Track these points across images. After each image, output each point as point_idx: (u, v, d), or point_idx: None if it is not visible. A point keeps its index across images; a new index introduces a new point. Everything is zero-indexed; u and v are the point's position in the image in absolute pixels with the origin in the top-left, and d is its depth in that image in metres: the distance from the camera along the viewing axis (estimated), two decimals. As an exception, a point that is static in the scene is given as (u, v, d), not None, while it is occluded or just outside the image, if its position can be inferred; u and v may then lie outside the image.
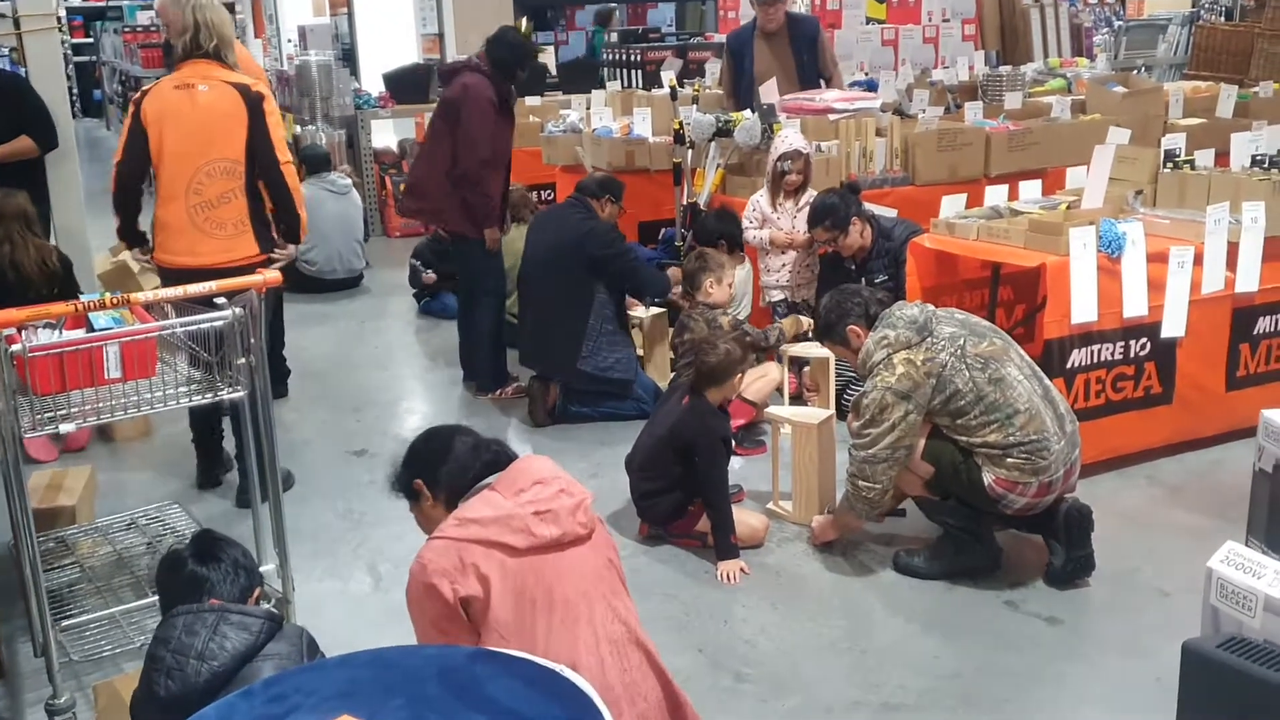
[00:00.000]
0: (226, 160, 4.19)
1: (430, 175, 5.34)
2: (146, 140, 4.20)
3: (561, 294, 5.05)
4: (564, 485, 2.57)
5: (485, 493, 2.56)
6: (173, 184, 4.19)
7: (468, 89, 5.17)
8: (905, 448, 3.58)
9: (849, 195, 5.10)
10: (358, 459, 4.92)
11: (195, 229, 4.20)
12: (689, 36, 10.96)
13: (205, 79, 4.21)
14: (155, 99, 4.22)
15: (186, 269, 4.06)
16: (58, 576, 3.48)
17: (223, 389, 3.16)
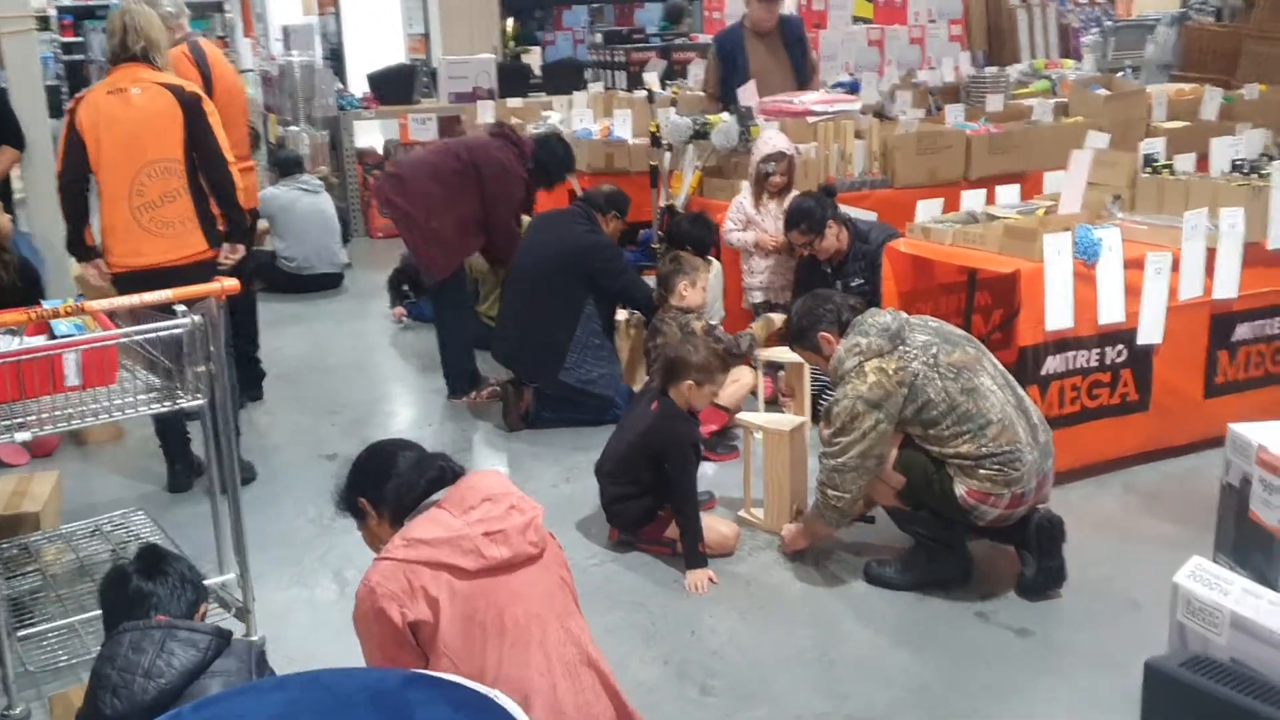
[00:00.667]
0: (165, 160, 4.19)
1: (448, 225, 5.25)
2: (84, 148, 4.16)
3: (551, 301, 5.00)
4: (514, 502, 2.53)
5: (433, 510, 2.52)
6: (114, 188, 4.18)
7: (506, 172, 5.23)
8: (876, 457, 3.55)
9: (825, 198, 5.07)
10: (329, 463, 4.87)
11: (141, 230, 4.20)
12: (674, 37, 10.93)
13: (136, 82, 4.18)
14: (88, 106, 4.18)
15: (136, 270, 4.12)
16: (19, 584, 3.45)
17: (183, 397, 3.13)
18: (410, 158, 5.80)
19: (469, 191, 5.23)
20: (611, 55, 9.00)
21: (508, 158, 5.28)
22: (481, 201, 5.22)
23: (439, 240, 5.24)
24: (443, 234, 5.22)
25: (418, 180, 5.28)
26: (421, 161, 5.51)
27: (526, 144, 5.43)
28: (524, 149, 5.38)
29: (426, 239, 5.25)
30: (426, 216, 5.22)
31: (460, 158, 5.28)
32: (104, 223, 4.25)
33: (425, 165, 5.40)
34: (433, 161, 5.39)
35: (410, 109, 9.30)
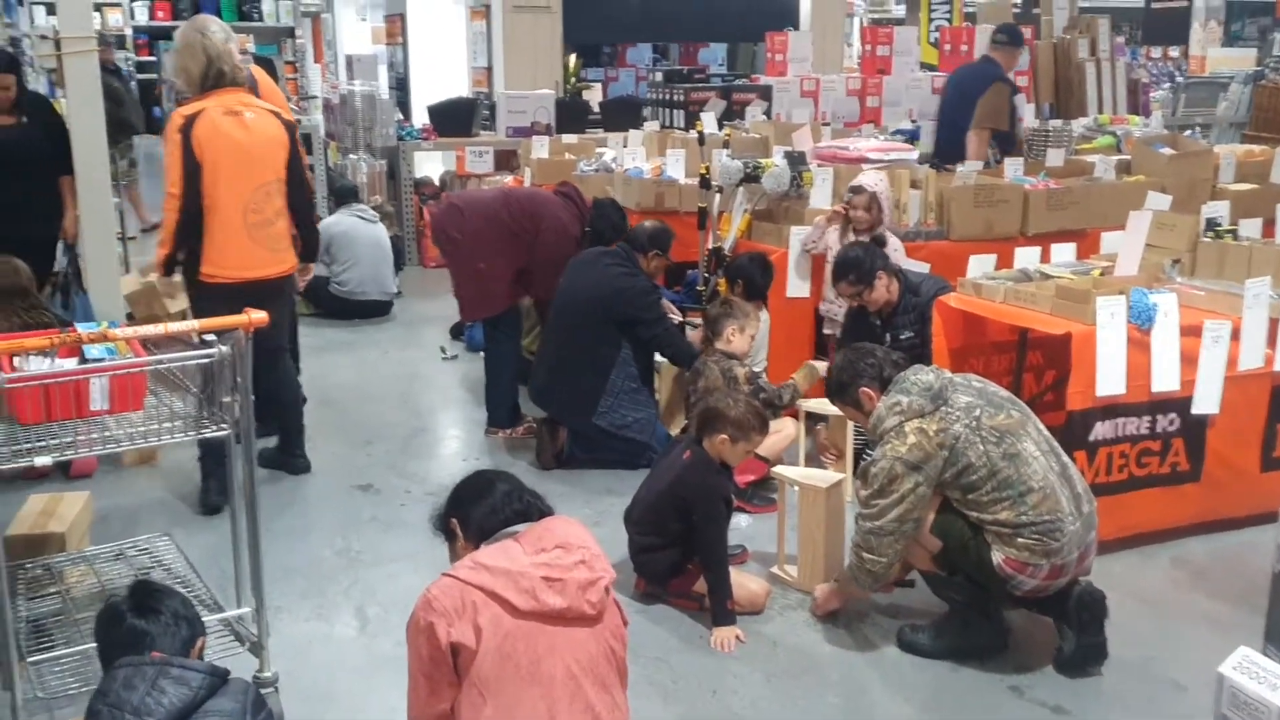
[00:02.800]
0: (274, 181, 4.47)
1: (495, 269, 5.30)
2: (200, 168, 4.30)
3: (587, 344, 4.96)
4: (586, 557, 2.51)
5: (506, 542, 2.54)
6: (231, 205, 4.37)
7: (564, 230, 5.30)
8: (914, 520, 3.44)
9: (875, 248, 4.97)
10: (363, 494, 4.86)
11: (255, 244, 4.45)
12: (735, 78, 10.90)
13: (247, 106, 4.43)
14: (205, 126, 4.31)
15: (242, 282, 4.38)
16: (39, 606, 3.43)
17: (209, 426, 3.11)
18: (473, 195, 5.84)
19: (521, 242, 5.27)
20: (670, 94, 8.98)
21: (569, 217, 5.33)
22: (532, 253, 5.25)
23: (480, 281, 5.25)
24: (486, 277, 5.24)
25: (475, 219, 5.31)
26: (483, 202, 5.53)
27: (588, 207, 5.45)
28: (584, 211, 5.42)
29: (468, 276, 5.27)
30: (474, 255, 5.22)
31: (523, 208, 5.33)
32: (216, 237, 4.38)
33: (486, 206, 5.42)
34: (494, 205, 5.41)
35: (468, 141, 9.36)
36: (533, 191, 5.77)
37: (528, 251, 5.28)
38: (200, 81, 4.37)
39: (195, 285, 4.47)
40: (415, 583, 3.97)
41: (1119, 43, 10.23)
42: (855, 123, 9.08)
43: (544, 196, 5.54)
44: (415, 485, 4.95)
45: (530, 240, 5.27)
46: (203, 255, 4.41)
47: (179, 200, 4.34)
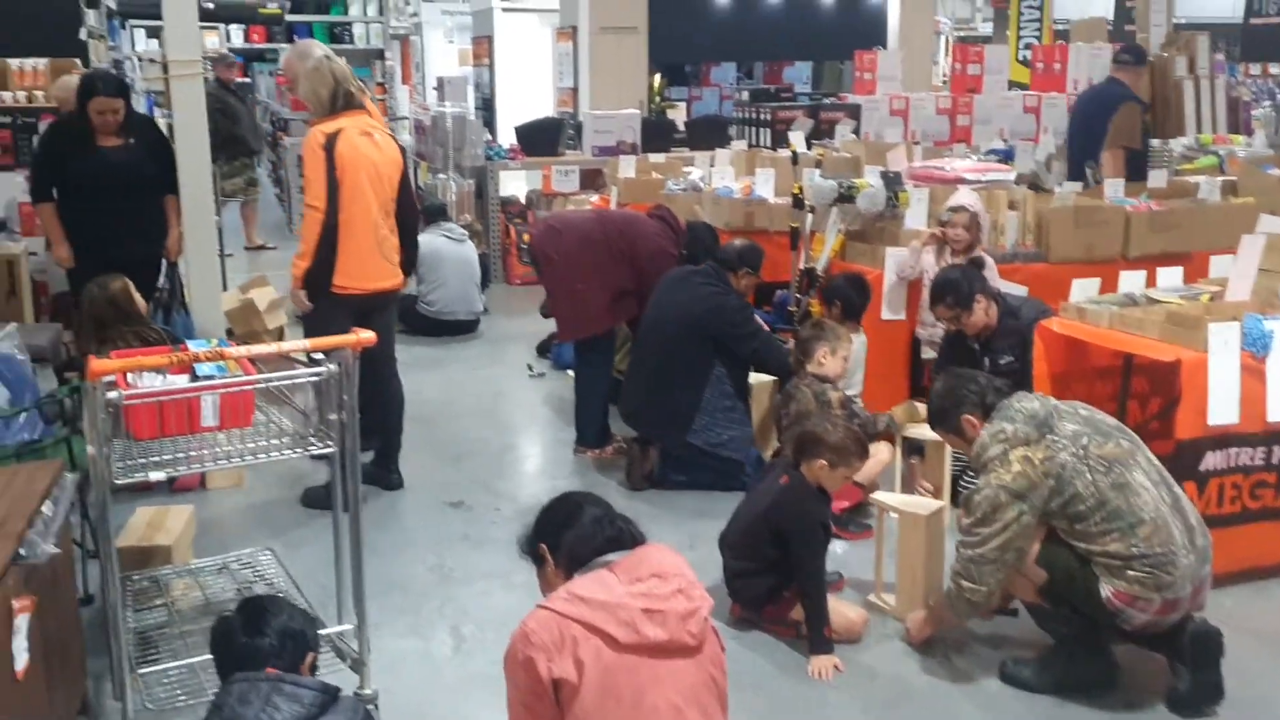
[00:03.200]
0: (393, 200, 4.72)
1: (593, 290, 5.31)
2: (340, 185, 4.50)
3: (679, 362, 4.93)
4: (683, 586, 2.46)
5: (601, 572, 2.49)
6: (365, 221, 4.59)
7: (664, 254, 5.32)
8: (1016, 550, 3.36)
9: (973, 271, 4.89)
10: (454, 511, 4.89)
11: (382, 258, 4.69)
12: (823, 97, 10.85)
13: (375, 128, 4.68)
14: (346, 144, 4.51)
15: (369, 293, 4.65)
16: (147, 618, 3.51)
17: (315, 444, 3.16)
18: (570, 216, 5.88)
19: (620, 266, 5.29)
20: (757, 113, 8.96)
21: (667, 242, 5.35)
22: (633, 277, 5.28)
23: (578, 302, 5.28)
24: (584, 297, 5.26)
25: (572, 239, 5.34)
26: (579, 223, 5.56)
27: (682, 230, 5.47)
28: (679, 234, 5.44)
29: (566, 297, 5.29)
30: (572, 276, 5.25)
31: (619, 229, 5.35)
32: (351, 250, 4.57)
33: (582, 227, 5.46)
34: (590, 226, 5.44)
35: (554, 160, 9.43)
36: (628, 213, 5.78)
37: (626, 273, 5.29)
38: (330, 103, 4.55)
39: (326, 296, 4.59)
40: (508, 601, 4.01)
41: (1218, 60, 9.96)
42: (945, 141, 8.99)
43: (640, 219, 5.56)
44: (505, 503, 4.97)
45: (627, 262, 5.27)
46: (337, 267, 4.57)
47: (322, 214, 4.50)
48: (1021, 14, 13.93)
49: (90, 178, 5.36)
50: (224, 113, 10.08)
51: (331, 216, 4.51)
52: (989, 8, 18.75)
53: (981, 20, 19.62)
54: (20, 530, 2.80)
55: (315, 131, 4.55)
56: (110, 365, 2.71)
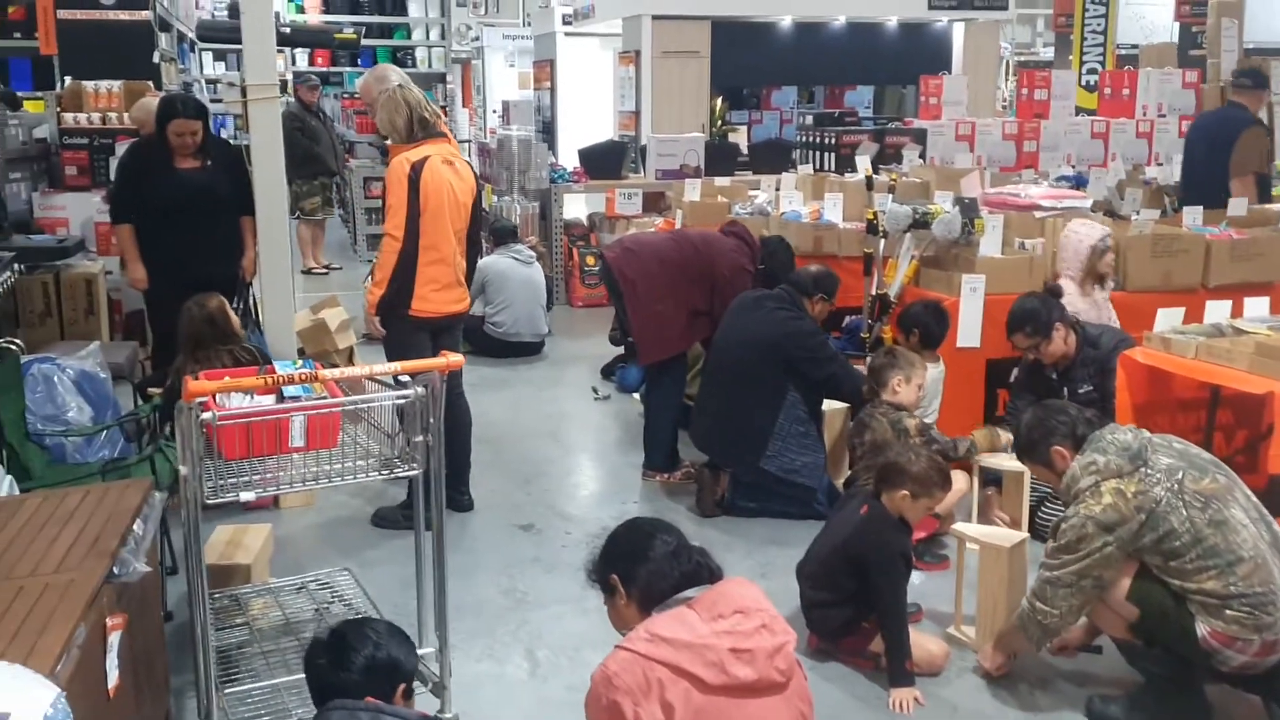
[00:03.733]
0: (466, 225, 4.80)
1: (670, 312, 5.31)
2: (423, 212, 4.56)
3: (752, 387, 4.89)
4: (767, 620, 2.42)
5: (681, 609, 2.44)
6: (445, 246, 4.66)
7: (742, 272, 5.31)
8: (1094, 578, 3.28)
9: (1051, 299, 4.81)
10: (524, 534, 4.88)
11: (457, 284, 4.79)
12: (887, 121, 10.79)
13: (456, 156, 4.76)
14: (431, 174, 4.57)
15: (444, 316, 4.75)
16: (228, 637, 3.52)
17: (400, 466, 3.16)
18: (646, 237, 5.88)
19: (697, 285, 5.27)
20: (821, 137, 8.92)
21: (744, 259, 5.33)
22: (709, 296, 5.26)
23: (658, 323, 5.25)
24: (665, 318, 5.24)
25: (649, 261, 5.33)
26: (656, 244, 5.55)
27: (758, 246, 5.45)
28: (755, 251, 5.41)
29: (646, 319, 5.26)
30: (650, 297, 5.24)
31: (696, 248, 5.33)
32: (426, 275, 4.63)
33: (660, 248, 5.45)
34: (667, 247, 5.43)
35: (618, 183, 9.46)
36: (704, 232, 5.77)
37: (703, 292, 5.26)
38: (406, 130, 4.60)
39: (401, 319, 4.63)
40: (581, 626, 3.99)
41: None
42: (1011, 167, 8.90)
43: (717, 237, 5.55)
44: (575, 527, 4.95)
45: (706, 280, 5.25)
46: (415, 292, 4.63)
47: (400, 244, 4.55)
48: (1085, 39, 13.82)
49: (169, 199, 5.44)
50: (304, 132, 10.25)
51: (410, 246, 4.56)
52: (1050, 32, 18.61)
53: (1042, 45, 19.47)
54: (113, 548, 2.83)
55: (400, 159, 4.57)
56: (207, 386, 2.74)
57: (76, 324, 6.30)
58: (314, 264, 10.61)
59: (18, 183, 7.20)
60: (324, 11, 15.95)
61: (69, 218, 7.27)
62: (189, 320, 4.62)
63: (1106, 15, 13.65)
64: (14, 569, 2.72)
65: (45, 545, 2.85)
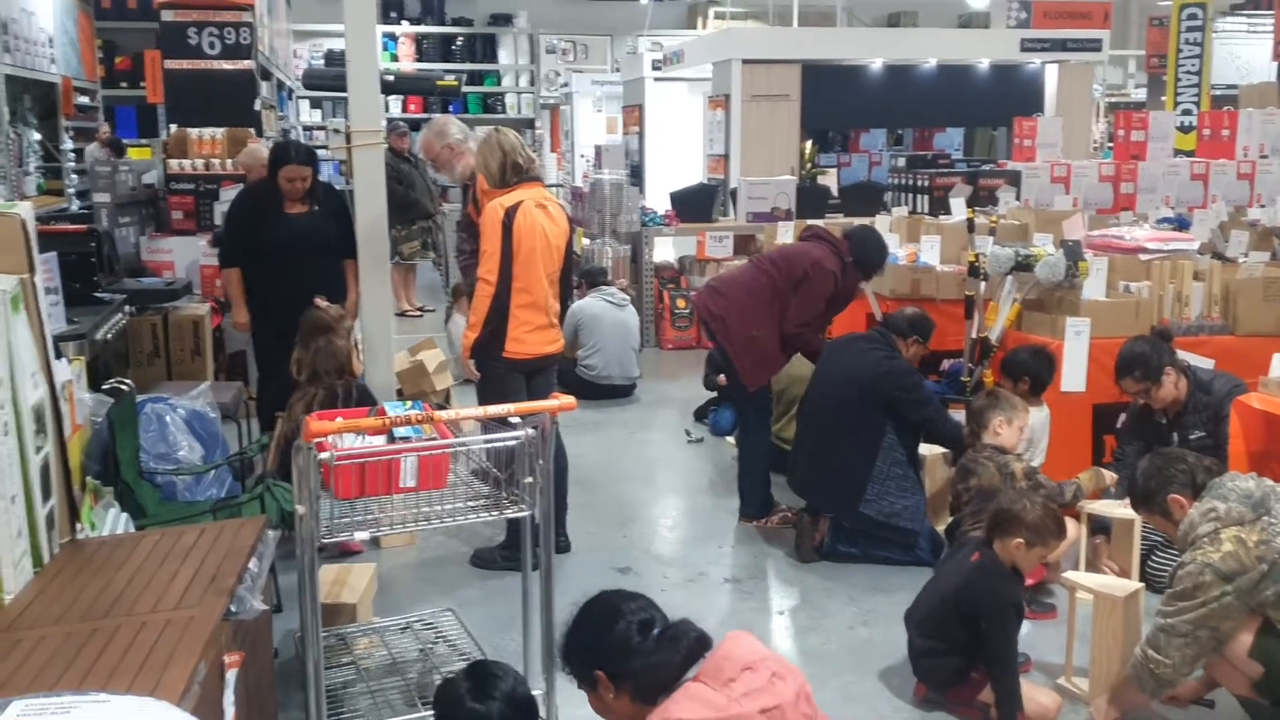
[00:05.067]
0: (559, 268, 4.83)
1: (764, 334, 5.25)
2: (515, 257, 4.60)
3: (850, 429, 4.84)
4: (775, 668, 2.38)
5: (691, 686, 2.38)
6: (539, 289, 4.70)
7: (818, 266, 5.20)
8: (1210, 629, 3.17)
9: (1160, 343, 4.70)
10: (622, 576, 4.87)
11: (551, 326, 4.81)
12: (980, 163, 10.69)
13: (549, 200, 4.82)
14: (525, 219, 4.62)
15: (539, 357, 4.76)
16: (334, 675, 3.56)
17: (509, 507, 3.18)
18: (727, 274, 5.88)
19: (785, 299, 5.20)
20: (914, 179, 8.87)
21: (820, 253, 5.24)
22: (799, 304, 5.18)
23: (754, 349, 5.21)
24: (759, 342, 5.20)
25: (736, 293, 5.32)
26: (738, 277, 5.54)
27: (839, 241, 5.36)
28: (838, 245, 5.32)
29: (744, 348, 5.24)
30: (743, 326, 5.22)
31: (777, 265, 5.29)
32: (522, 318, 4.67)
33: (742, 278, 5.44)
34: (749, 274, 5.42)
35: (708, 226, 9.49)
36: (782, 247, 5.83)
37: (792, 303, 5.20)
38: (500, 175, 4.65)
39: (496, 361, 4.67)
40: (681, 672, 3.94)
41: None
42: (1109, 209, 8.75)
43: (793, 246, 5.53)
44: (672, 570, 4.93)
45: (791, 289, 5.19)
46: (509, 334, 4.66)
47: (493, 288, 4.59)
48: (1179, 80, 13.59)
49: (278, 243, 5.58)
50: (399, 180, 10.47)
51: (503, 290, 4.60)
52: (1142, 74, 18.36)
53: (1134, 86, 19.18)
54: (231, 586, 2.88)
55: (495, 205, 4.64)
56: (327, 427, 2.78)
57: (183, 364, 6.46)
58: (407, 306, 10.79)
59: (127, 227, 7.43)
60: (417, 59, 16.32)
61: (175, 261, 7.47)
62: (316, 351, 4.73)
63: (1201, 55, 13.44)
64: (136, 604, 2.78)
65: (165, 581, 2.91)
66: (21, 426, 2.87)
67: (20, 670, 2.42)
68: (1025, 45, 11.37)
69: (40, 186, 11.09)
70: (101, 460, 3.95)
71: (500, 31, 16.75)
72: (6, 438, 2.80)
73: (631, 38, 15.83)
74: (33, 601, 2.77)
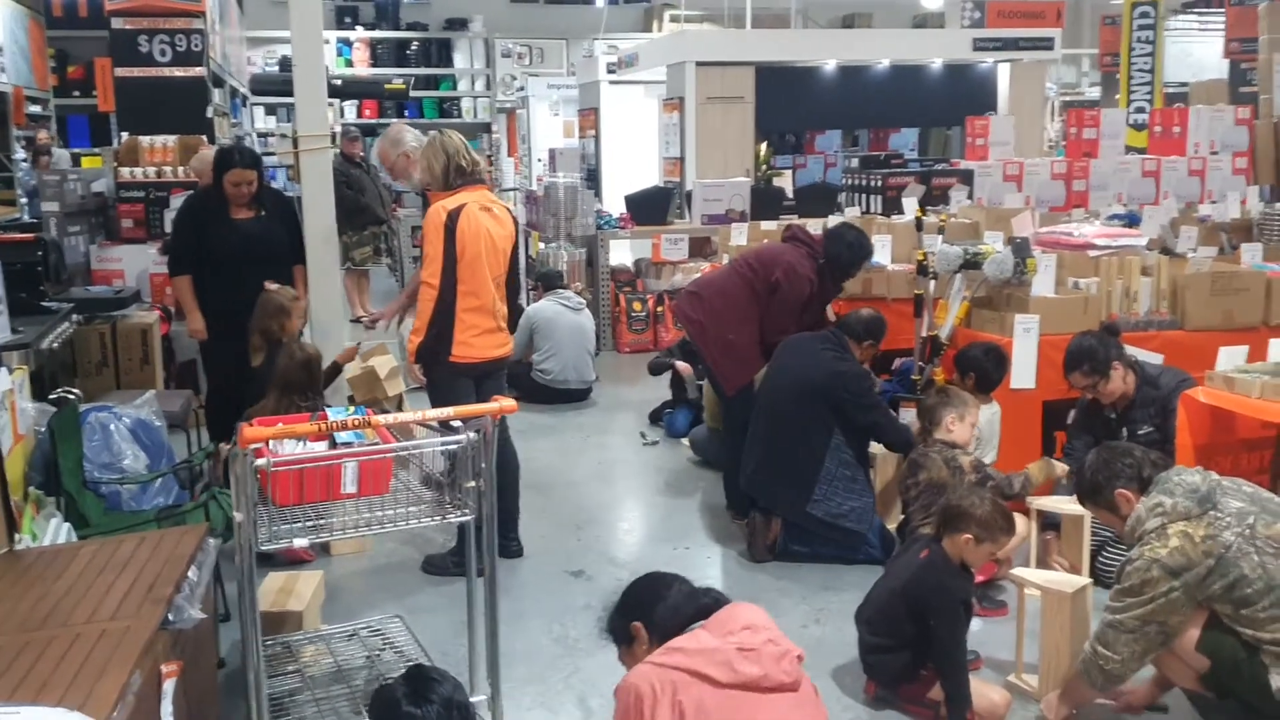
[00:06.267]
0: (504, 271, 4.79)
1: (743, 337, 5.27)
2: (459, 260, 4.56)
3: (798, 429, 4.83)
4: (773, 636, 2.64)
5: (695, 630, 2.66)
6: (485, 294, 4.65)
7: (791, 272, 5.21)
8: (1158, 624, 3.19)
9: (1108, 338, 4.73)
10: (575, 580, 4.84)
11: (499, 329, 4.78)
12: (933, 163, 10.75)
13: (493, 203, 4.75)
14: (468, 221, 4.56)
15: (485, 361, 4.72)
16: (280, 684, 3.51)
17: (451, 511, 3.15)
18: (707, 277, 5.89)
19: (760, 301, 5.22)
20: (868, 179, 8.91)
21: (795, 257, 5.25)
22: (776, 307, 5.20)
23: (732, 352, 5.23)
24: (737, 346, 5.21)
25: (714, 298, 5.33)
26: (716, 280, 5.56)
27: (818, 241, 5.36)
28: (815, 247, 5.33)
29: (721, 351, 5.26)
30: (720, 329, 5.23)
31: (751, 266, 5.30)
32: (465, 322, 4.63)
33: (717, 280, 5.46)
34: (726, 278, 5.43)
35: (664, 229, 9.48)
36: (761, 247, 5.80)
37: (768, 305, 5.23)
38: (444, 177, 4.60)
39: (442, 365, 4.63)
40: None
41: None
42: (1061, 207, 8.81)
43: (771, 247, 5.57)
44: (626, 573, 4.88)
45: (768, 293, 5.21)
46: (455, 338, 4.62)
47: (437, 291, 4.55)
48: (1131, 78, 13.74)
49: (225, 249, 5.51)
50: (350, 185, 10.39)
51: (447, 294, 4.55)
52: (1095, 72, 18.55)
53: (1088, 85, 19.39)
54: (169, 595, 2.83)
55: (437, 208, 4.59)
56: (261, 433, 2.74)
57: (132, 373, 6.37)
58: (361, 313, 10.71)
59: (76, 235, 7.33)
60: (372, 64, 16.21)
61: (125, 269, 7.38)
62: (288, 359, 4.71)
63: (1153, 54, 13.59)
64: (71, 615, 2.73)
65: (102, 592, 2.86)
66: (-49, 438, 2.82)
67: (-50, 684, 2.37)
68: (977, 45, 11.46)
69: (-11, 196, 10.93)
70: (44, 470, 3.89)
71: (455, 36, 16.67)
72: (-66, 449, 2.75)
73: (587, 41, 15.79)
74: (-35, 615, 2.71)
